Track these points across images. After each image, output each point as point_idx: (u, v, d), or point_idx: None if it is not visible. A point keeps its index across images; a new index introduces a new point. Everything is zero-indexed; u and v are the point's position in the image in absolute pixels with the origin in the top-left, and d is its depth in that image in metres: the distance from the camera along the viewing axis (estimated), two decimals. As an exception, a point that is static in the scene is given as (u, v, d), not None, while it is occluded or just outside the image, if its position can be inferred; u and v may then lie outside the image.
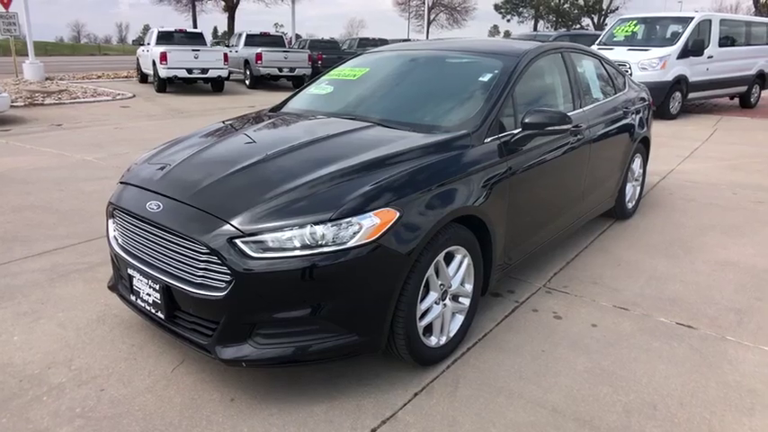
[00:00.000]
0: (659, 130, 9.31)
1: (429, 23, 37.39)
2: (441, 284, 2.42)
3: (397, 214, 2.12)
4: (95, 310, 2.93)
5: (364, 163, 2.29)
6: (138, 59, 17.22)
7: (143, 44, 17.04)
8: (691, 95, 10.88)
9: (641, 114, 4.49)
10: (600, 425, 2.13)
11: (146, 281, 2.28)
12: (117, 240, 2.53)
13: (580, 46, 3.99)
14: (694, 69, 10.65)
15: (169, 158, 2.62)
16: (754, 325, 2.92)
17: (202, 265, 2.08)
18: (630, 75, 10.00)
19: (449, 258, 2.45)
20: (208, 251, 2.03)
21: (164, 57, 14.03)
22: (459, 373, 2.44)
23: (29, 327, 2.77)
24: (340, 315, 2.07)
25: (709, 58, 10.90)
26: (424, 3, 35.14)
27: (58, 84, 15.08)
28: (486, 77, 3.01)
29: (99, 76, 18.52)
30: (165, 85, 14.36)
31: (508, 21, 51.18)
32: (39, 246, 3.81)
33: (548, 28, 44.15)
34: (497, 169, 2.66)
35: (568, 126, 2.84)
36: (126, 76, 18.78)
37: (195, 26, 25.70)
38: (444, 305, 2.47)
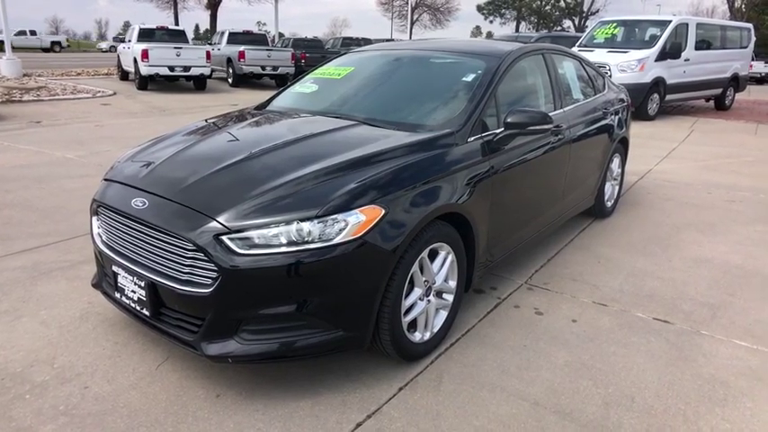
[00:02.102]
0: (638, 131, 9.50)
1: (412, 23, 37.53)
2: (425, 281, 2.46)
3: (383, 211, 2.16)
4: (78, 308, 2.91)
5: (349, 161, 2.32)
6: (118, 57, 16.99)
7: (123, 41, 16.83)
8: (668, 97, 11.11)
9: (620, 115, 4.59)
10: (580, 417, 2.19)
11: (131, 278, 2.28)
12: (101, 237, 2.52)
13: (561, 47, 4.07)
14: (672, 72, 10.88)
15: (154, 156, 2.62)
16: (727, 320, 3.02)
17: (188, 262, 2.08)
18: (610, 76, 10.22)
19: (433, 255, 2.50)
20: (194, 248, 2.04)
21: (145, 54, 13.87)
22: (443, 368, 2.49)
23: (10, 325, 2.74)
24: (326, 311, 2.10)
25: (686, 60, 11.15)
26: (407, 3, 35.21)
27: (36, 80, 14.81)
28: (469, 77, 3.06)
29: (78, 74, 18.21)
30: (146, 83, 14.19)
31: (491, 22, 51.60)
32: (19, 244, 3.76)
33: (529, 29, 44.62)
34: (480, 168, 2.71)
35: (549, 126, 2.90)
36: (106, 74, 18.50)
37: (177, 24, 25.45)
38: (428, 301, 2.51)
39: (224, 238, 2.02)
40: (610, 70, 10.21)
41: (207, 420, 2.10)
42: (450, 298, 2.66)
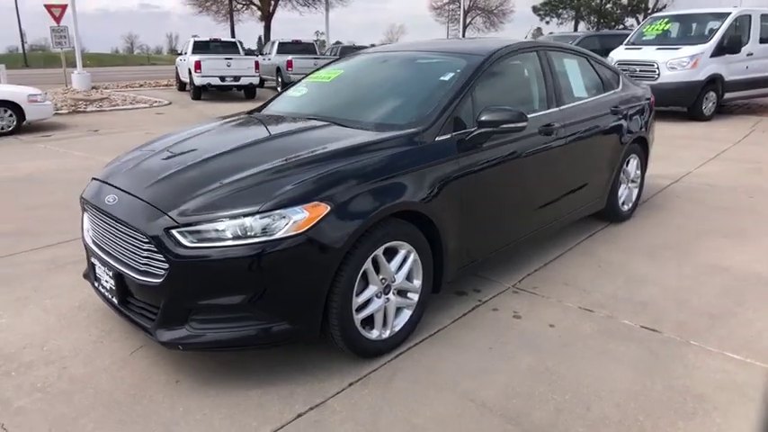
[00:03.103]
0: (688, 132, 8.99)
1: (465, 27, 37.12)
2: (382, 279, 2.48)
3: (328, 208, 2.20)
4: (78, 298, 3.15)
5: (302, 159, 2.39)
6: (176, 68, 17.99)
7: (181, 54, 17.79)
8: (727, 95, 10.41)
9: (637, 114, 4.39)
10: (524, 422, 2.13)
11: (104, 268, 2.46)
12: (88, 232, 2.72)
13: (563, 44, 3.97)
14: (731, 68, 10.19)
15: (137, 156, 2.80)
16: (726, 331, 2.82)
17: (145, 253, 2.22)
18: (658, 75, 9.73)
19: (392, 253, 2.51)
20: (147, 240, 2.18)
21: (198, 65, 14.62)
22: (400, 366, 2.49)
23: (18, 311, 3.00)
24: (270, 303, 2.17)
25: (748, 55, 10.41)
26: (459, 6, 34.91)
27: (101, 92, 15.94)
28: (447, 77, 3.05)
29: (141, 85, 19.44)
30: (200, 93, 14.94)
31: (547, 23, 49.95)
32: (45, 239, 4.10)
33: (589, 28, 42.87)
34: (449, 167, 2.70)
35: (524, 124, 2.84)
36: (166, 85, 19.62)
37: (233, 36, 26.59)
38: (387, 299, 2.52)
39: (173, 231, 2.14)
40: (658, 68, 9.72)
41: (160, 403, 2.22)
42: (414, 297, 2.66)
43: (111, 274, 2.39)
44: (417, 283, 2.66)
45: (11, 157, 7.33)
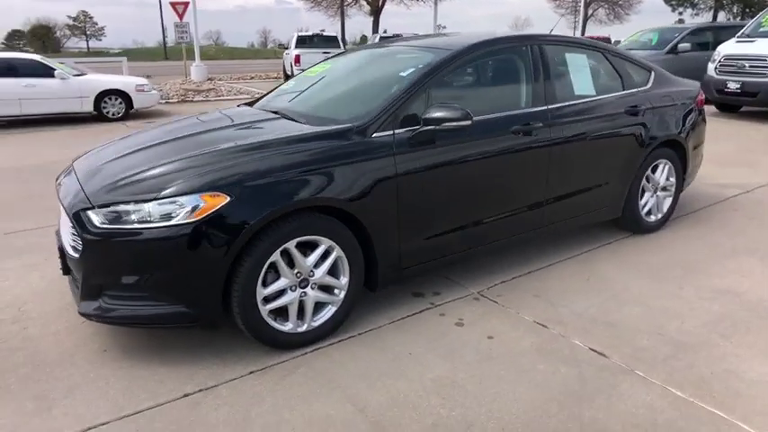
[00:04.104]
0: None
1: (586, 19, 34.78)
2: (297, 272, 2.49)
3: (228, 199, 2.27)
4: (75, 268, 3.53)
5: (218, 151, 2.49)
6: (283, 62, 19.07)
7: (287, 48, 18.80)
8: None
9: (668, 115, 3.89)
10: None
11: (58, 244, 2.75)
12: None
13: (571, 38, 3.63)
14: None
15: (109, 144, 3.08)
16: (685, 363, 2.45)
17: (71, 230, 2.46)
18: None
19: (312, 247, 2.51)
20: (71, 219, 2.40)
21: (297, 59, 15.42)
22: (308, 361, 2.50)
23: (21, 276, 3.45)
24: (166, 286, 2.29)
25: None
26: (579, -3, 32.89)
27: (214, 83, 17.37)
28: (406, 72, 2.96)
29: (252, 77, 20.84)
30: (298, 85, 15.67)
31: (680, 14, 44.81)
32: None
33: (729, 18, 37.89)
34: (384, 164, 2.62)
35: (467, 122, 2.67)
36: (276, 77, 20.85)
37: (343, 31, 27.50)
38: (304, 293, 2.53)
39: (88, 212, 2.34)
40: (770, 63, 8.44)
41: (79, 367, 2.45)
42: (340, 294, 2.64)
43: (57, 246, 2.67)
44: (344, 280, 2.63)
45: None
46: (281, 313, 2.52)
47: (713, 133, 5.92)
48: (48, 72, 9.95)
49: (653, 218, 4.06)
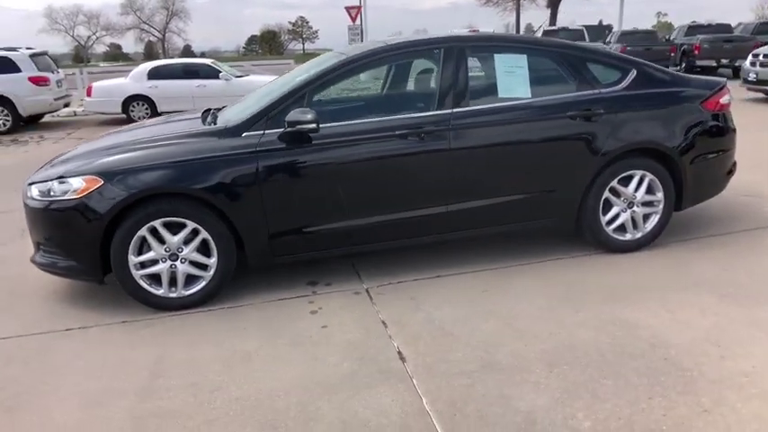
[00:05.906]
0: None
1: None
2: (166, 248, 3.01)
3: (101, 182, 2.90)
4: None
5: (123, 143, 3.17)
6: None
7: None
8: None
9: (644, 119, 3.39)
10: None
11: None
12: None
13: (509, 37, 3.44)
14: None
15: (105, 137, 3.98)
16: (466, 383, 2.32)
17: (30, 200, 3.34)
18: None
19: (178, 228, 3.00)
20: (30, 192, 3.28)
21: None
22: (153, 323, 2.97)
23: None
24: (64, 245, 3.02)
25: None
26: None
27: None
28: (302, 77, 3.23)
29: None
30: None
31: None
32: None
33: None
34: (245, 159, 2.98)
35: (313, 125, 2.87)
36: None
37: (518, 25, 26.65)
38: (173, 266, 3.04)
39: (31, 186, 3.17)
40: None
41: (33, 307, 3.28)
42: (211, 271, 3.08)
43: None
44: (213, 260, 3.07)
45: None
46: (158, 280, 3.07)
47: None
48: (215, 74, 12.04)
49: (628, 236, 3.56)
